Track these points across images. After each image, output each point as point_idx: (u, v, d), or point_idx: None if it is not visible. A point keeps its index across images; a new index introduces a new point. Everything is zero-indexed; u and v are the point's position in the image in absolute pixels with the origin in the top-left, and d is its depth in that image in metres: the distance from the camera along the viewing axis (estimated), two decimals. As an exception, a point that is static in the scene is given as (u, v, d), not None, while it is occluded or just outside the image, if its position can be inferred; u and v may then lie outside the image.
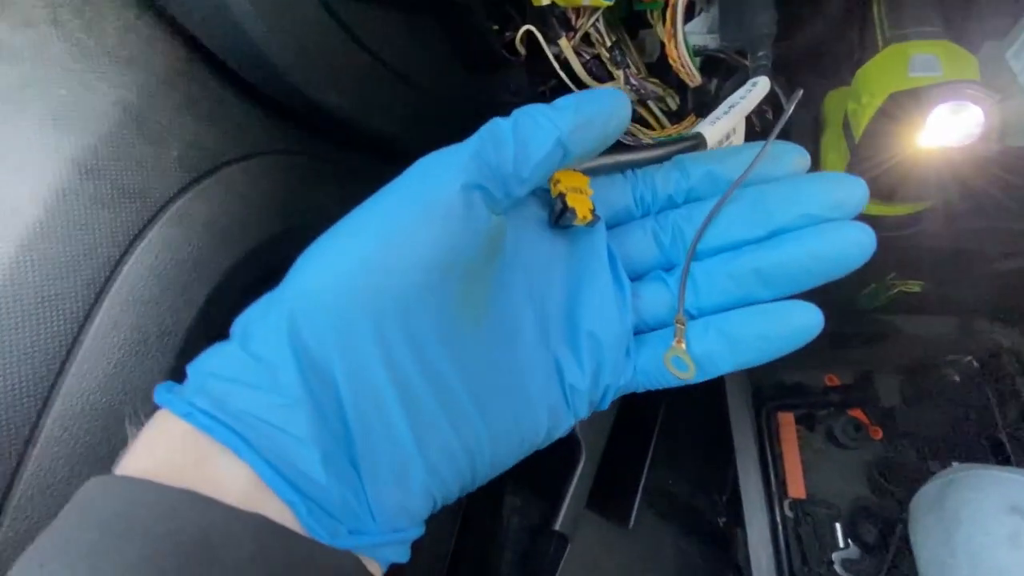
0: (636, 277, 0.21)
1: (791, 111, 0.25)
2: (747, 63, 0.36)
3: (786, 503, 0.50)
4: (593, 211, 0.19)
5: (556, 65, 0.31)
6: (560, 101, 0.17)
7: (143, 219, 0.21)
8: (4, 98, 0.19)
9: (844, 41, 0.38)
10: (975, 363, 0.49)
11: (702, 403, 0.55)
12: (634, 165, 0.21)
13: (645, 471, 0.50)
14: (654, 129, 0.38)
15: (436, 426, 0.16)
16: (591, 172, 0.20)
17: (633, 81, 0.32)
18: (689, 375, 0.19)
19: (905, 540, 0.43)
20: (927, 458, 0.50)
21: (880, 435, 0.52)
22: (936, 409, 0.51)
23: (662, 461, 0.53)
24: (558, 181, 0.19)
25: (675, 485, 0.55)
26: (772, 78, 0.32)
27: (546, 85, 0.39)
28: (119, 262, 0.20)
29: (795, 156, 0.21)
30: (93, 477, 0.14)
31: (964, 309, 0.51)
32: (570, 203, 0.19)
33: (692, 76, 0.31)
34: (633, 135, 0.38)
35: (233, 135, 0.25)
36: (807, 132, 0.40)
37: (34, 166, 0.19)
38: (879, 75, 0.33)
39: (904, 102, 0.29)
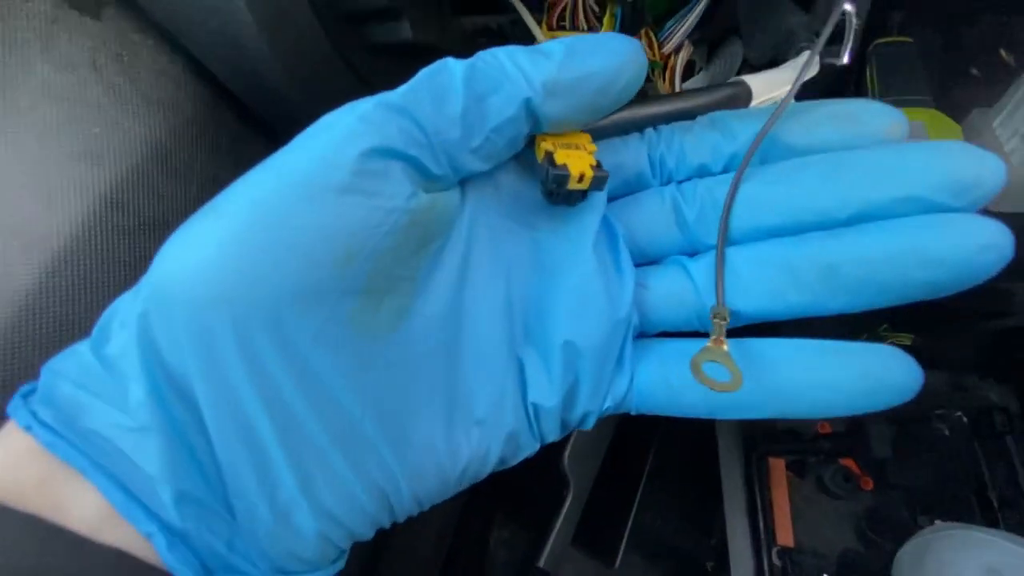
0: (647, 262, 0.16)
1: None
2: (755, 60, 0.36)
3: (774, 551, 0.50)
4: (597, 167, 0.14)
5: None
6: (546, 45, 0.13)
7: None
8: (44, 134, 0.20)
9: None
10: (964, 419, 0.50)
11: (693, 443, 0.55)
12: (655, 122, 0.16)
13: (633, 511, 0.50)
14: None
15: (326, 462, 0.13)
16: (593, 132, 0.15)
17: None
18: (733, 386, 0.13)
19: (892, 595, 0.43)
20: (916, 512, 0.50)
21: (871, 486, 0.52)
22: (927, 463, 0.51)
23: (651, 501, 0.53)
24: (544, 137, 0.14)
25: (663, 526, 0.55)
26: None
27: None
28: (135, 290, 0.21)
29: (889, 120, 0.15)
30: None
31: (955, 364, 0.51)
32: (559, 160, 0.14)
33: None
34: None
35: (202, 184, 0.26)
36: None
37: (64, 198, 0.20)
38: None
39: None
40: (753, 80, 0.17)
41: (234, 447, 0.12)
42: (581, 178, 0.14)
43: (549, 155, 0.14)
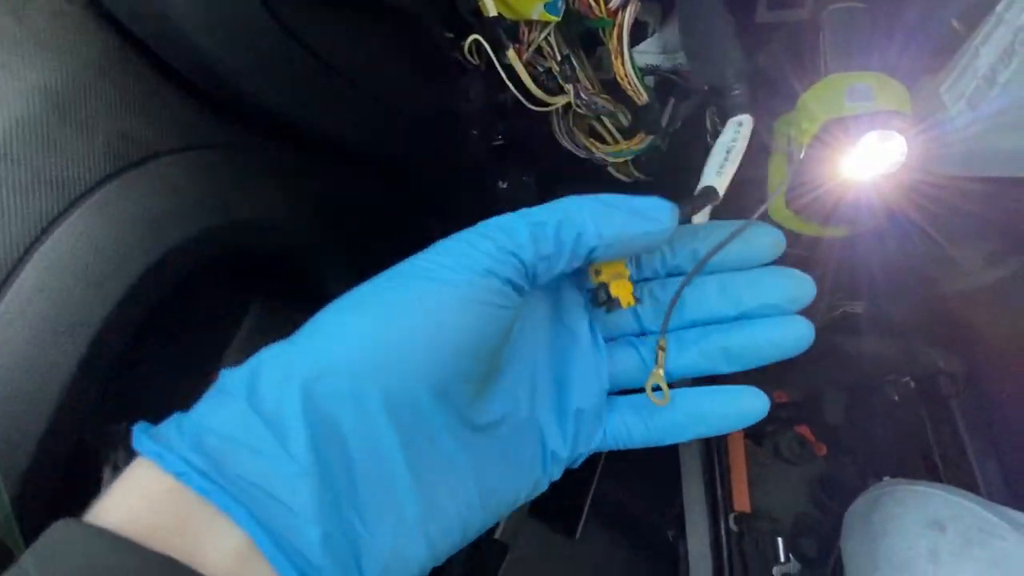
0: (609, 341, 0.23)
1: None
2: (695, 83, 0.37)
3: (731, 517, 0.50)
4: (634, 293, 0.21)
5: (504, 76, 0.31)
6: (616, 204, 0.19)
7: (59, 206, 0.20)
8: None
9: (797, 68, 0.40)
10: (913, 384, 0.51)
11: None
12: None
13: (595, 481, 0.50)
14: (608, 143, 0.39)
15: (438, 501, 0.17)
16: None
17: (583, 96, 0.33)
18: (664, 402, 0.21)
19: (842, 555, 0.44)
20: (867, 475, 0.51)
21: (824, 451, 0.53)
22: (877, 428, 0.53)
23: (613, 472, 0.54)
24: (599, 271, 0.21)
25: (625, 497, 0.56)
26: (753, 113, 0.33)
27: (504, 94, 0.40)
28: (29, 249, 0.19)
29: (770, 240, 0.24)
30: (62, 520, 0.13)
31: (905, 331, 0.53)
32: (614, 293, 0.21)
33: (639, 93, 0.32)
34: (588, 149, 0.39)
35: (168, 127, 0.25)
36: (755, 155, 0.42)
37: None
38: (818, 103, 0.34)
39: (837, 130, 0.31)
40: (717, 182, 0.24)
41: (376, 486, 0.16)
42: (628, 304, 0.21)
43: (605, 287, 0.21)
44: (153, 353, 0.30)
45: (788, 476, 0.53)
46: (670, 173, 0.44)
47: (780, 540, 0.49)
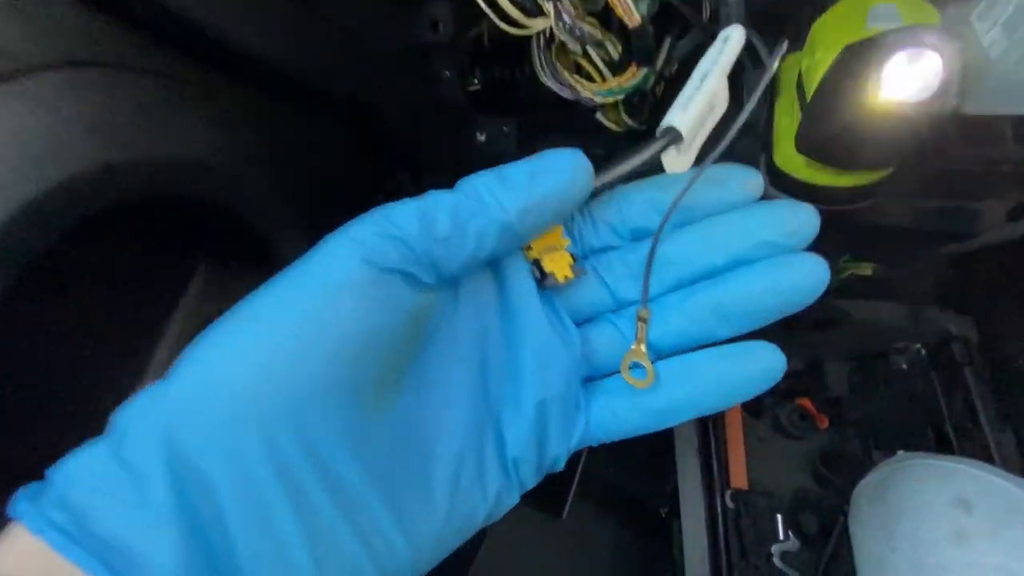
0: (585, 322, 0.20)
1: (775, 68, 0.21)
2: (702, 18, 0.33)
3: (727, 493, 0.48)
4: (574, 265, 0.19)
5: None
6: (512, 172, 0.16)
7: None
8: None
9: (806, 2, 0.35)
10: (923, 351, 0.48)
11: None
12: (612, 185, 0.19)
13: (583, 458, 0.47)
14: (595, 82, 0.35)
15: (339, 541, 0.15)
16: None
17: (566, 19, 0.28)
18: (647, 383, 0.18)
19: (846, 532, 0.41)
20: (872, 448, 0.49)
21: (827, 424, 0.51)
22: (883, 398, 0.50)
23: (603, 449, 0.51)
24: (530, 246, 0.18)
25: (616, 473, 0.53)
26: (748, 25, 0.29)
27: (477, 27, 0.35)
28: None
29: (745, 179, 0.20)
30: None
31: (915, 296, 0.49)
32: (547, 268, 0.18)
33: (630, 13, 0.27)
34: (573, 88, 0.34)
35: (53, 37, 0.20)
36: (762, 97, 0.37)
37: None
38: (836, 27, 0.30)
39: (860, 52, 0.26)
40: (680, 119, 0.19)
41: (252, 533, 0.14)
42: (565, 278, 0.18)
43: (537, 263, 0.18)
44: (72, 317, 0.25)
45: (788, 451, 0.50)
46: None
47: (779, 517, 0.47)
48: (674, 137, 0.19)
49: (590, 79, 0.35)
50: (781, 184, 0.36)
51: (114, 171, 0.21)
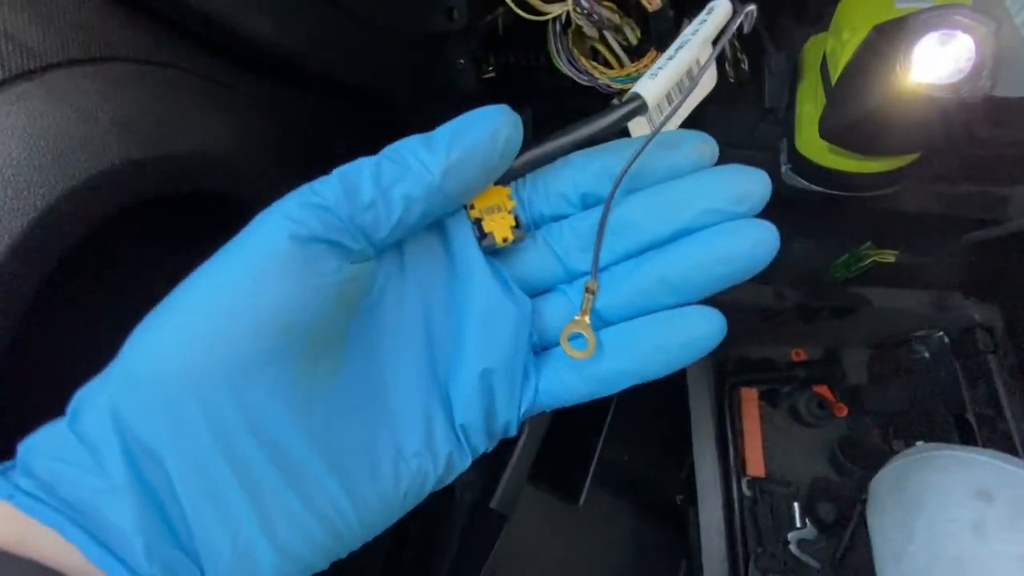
0: (538, 293, 0.20)
1: (734, 29, 0.20)
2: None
3: (744, 481, 0.48)
4: (517, 227, 0.18)
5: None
6: (437, 133, 0.16)
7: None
8: None
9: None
10: (946, 339, 0.47)
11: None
12: (570, 149, 0.18)
13: (599, 446, 0.47)
14: (613, 68, 0.34)
15: (282, 503, 0.15)
16: (509, 175, 0.18)
17: (584, 3, 0.28)
18: (586, 353, 0.18)
19: (863, 521, 0.41)
20: (891, 437, 0.48)
21: (845, 412, 0.50)
22: (903, 386, 0.49)
23: (619, 435, 0.51)
24: (472, 205, 0.18)
25: (632, 461, 0.53)
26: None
27: (492, 14, 0.35)
28: None
29: (697, 143, 0.19)
30: None
31: (939, 282, 0.48)
32: (487, 228, 0.18)
33: (650, -3, 0.27)
34: (590, 74, 0.34)
35: (75, 33, 0.20)
36: (783, 81, 0.36)
37: None
38: (863, 6, 0.29)
39: (889, 33, 0.25)
40: (647, 87, 0.18)
41: (199, 499, 0.15)
42: (504, 240, 0.18)
43: (477, 222, 0.18)
44: (89, 320, 0.26)
45: (806, 439, 0.50)
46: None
47: (796, 505, 0.47)
48: (638, 105, 0.18)
49: (607, 65, 0.34)
50: (803, 170, 0.36)
51: (137, 167, 0.21)
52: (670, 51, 0.20)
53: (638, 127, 0.22)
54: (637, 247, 0.19)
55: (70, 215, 0.19)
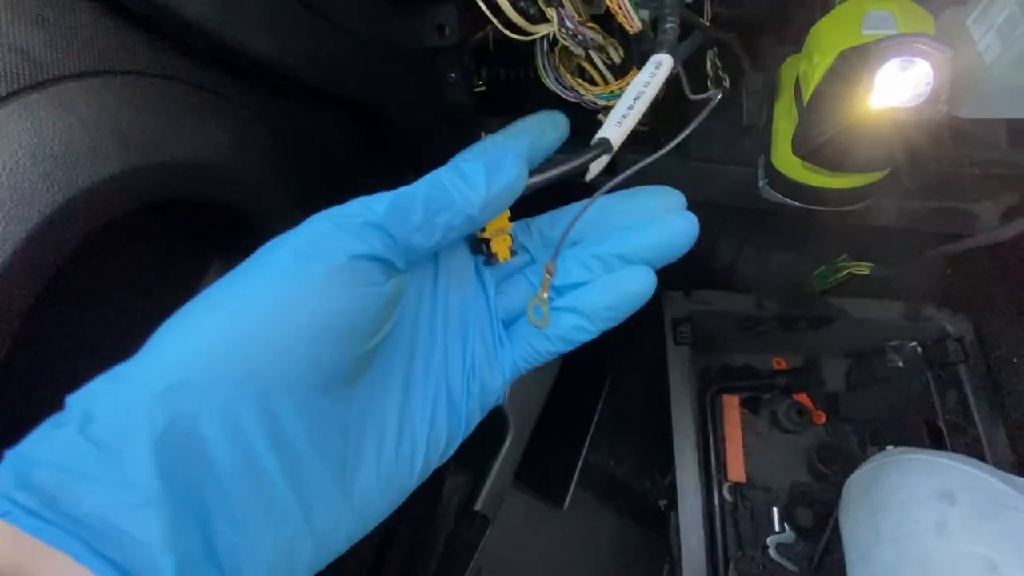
0: (503, 279, 0.24)
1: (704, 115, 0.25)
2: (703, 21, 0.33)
3: (726, 486, 0.49)
4: (512, 248, 0.22)
5: (482, 4, 0.27)
6: (469, 171, 0.19)
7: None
8: None
9: (806, 6, 0.36)
10: (919, 349, 0.48)
11: (647, 382, 0.53)
12: (552, 182, 0.22)
13: (584, 451, 0.48)
14: (598, 85, 0.35)
15: (323, 492, 0.16)
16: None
17: (569, 24, 0.29)
18: (544, 323, 0.21)
19: (839, 525, 0.42)
20: (867, 443, 0.50)
21: (823, 420, 0.51)
22: (879, 394, 0.51)
23: (604, 441, 0.52)
24: (484, 228, 0.21)
25: (617, 466, 0.54)
26: (678, 57, 0.29)
27: (483, 31, 0.36)
28: None
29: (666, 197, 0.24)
30: None
31: (912, 294, 0.50)
32: (494, 248, 0.22)
33: (631, 20, 0.28)
34: (576, 91, 0.35)
35: (78, 48, 0.21)
36: (761, 100, 0.38)
37: None
38: (832, 32, 0.31)
39: (854, 59, 0.27)
40: (614, 134, 0.22)
41: (248, 497, 0.15)
42: (504, 258, 0.23)
43: (487, 242, 0.22)
44: (94, 321, 0.27)
45: (785, 445, 0.51)
46: (666, 122, 0.41)
47: (775, 510, 0.48)
48: (606, 148, 0.22)
49: (592, 82, 0.36)
50: (778, 185, 0.37)
51: (138, 175, 0.22)
52: (628, 98, 0.24)
53: (599, 164, 0.25)
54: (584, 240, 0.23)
55: (72, 220, 0.20)
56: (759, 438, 0.52)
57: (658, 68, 0.25)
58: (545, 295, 0.22)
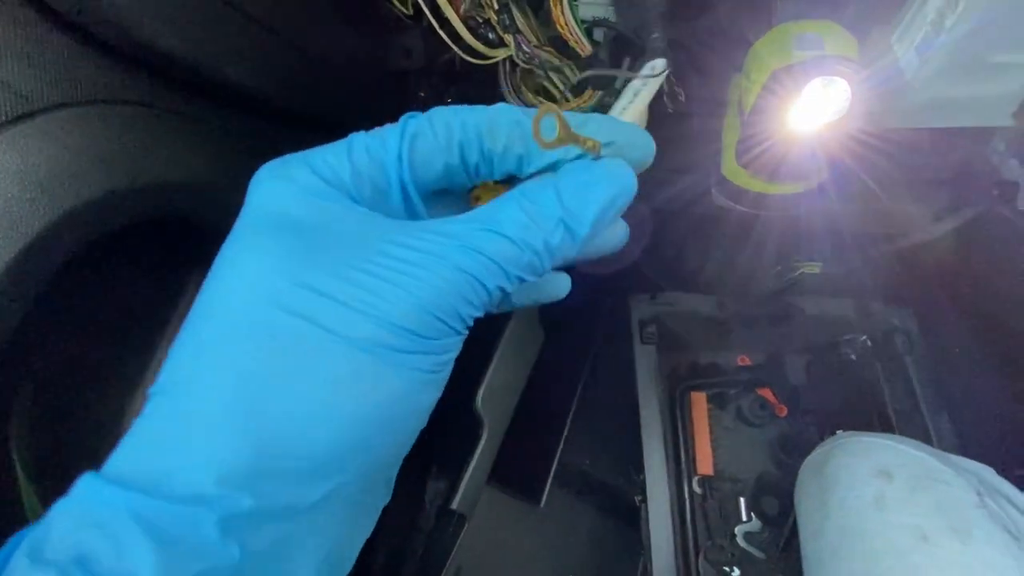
0: None
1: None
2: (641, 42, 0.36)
3: (695, 480, 0.51)
4: None
5: (438, 27, 0.29)
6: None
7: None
8: None
9: (752, 25, 0.39)
10: (869, 342, 0.52)
11: (621, 381, 0.56)
12: None
13: (559, 449, 0.49)
14: (558, 103, 0.38)
15: None
16: None
17: (525, 49, 0.31)
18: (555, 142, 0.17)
19: (801, 511, 0.45)
20: (825, 433, 0.52)
21: (785, 412, 0.54)
22: (835, 386, 0.54)
23: (580, 439, 0.54)
24: (478, 197, 0.20)
25: (592, 464, 0.56)
26: (670, 57, 0.32)
27: (448, 53, 0.38)
28: None
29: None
30: None
31: (862, 291, 0.53)
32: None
33: (581, 44, 0.30)
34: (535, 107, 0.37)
35: (60, 80, 0.22)
36: (708, 113, 0.41)
37: None
38: (766, 53, 0.33)
39: (784, 78, 0.30)
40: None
41: None
42: None
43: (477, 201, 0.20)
44: (79, 336, 0.28)
45: (750, 438, 0.54)
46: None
47: (742, 500, 0.50)
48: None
49: (553, 100, 0.38)
50: (727, 191, 0.40)
51: (119, 197, 0.23)
52: (628, 96, 0.26)
53: None
54: None
55: (57, 241, 0.21)
56: (726, 432, 0.54)
57: (654, 69, 0.26)
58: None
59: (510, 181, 0.20)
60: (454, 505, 0.39)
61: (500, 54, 0.32)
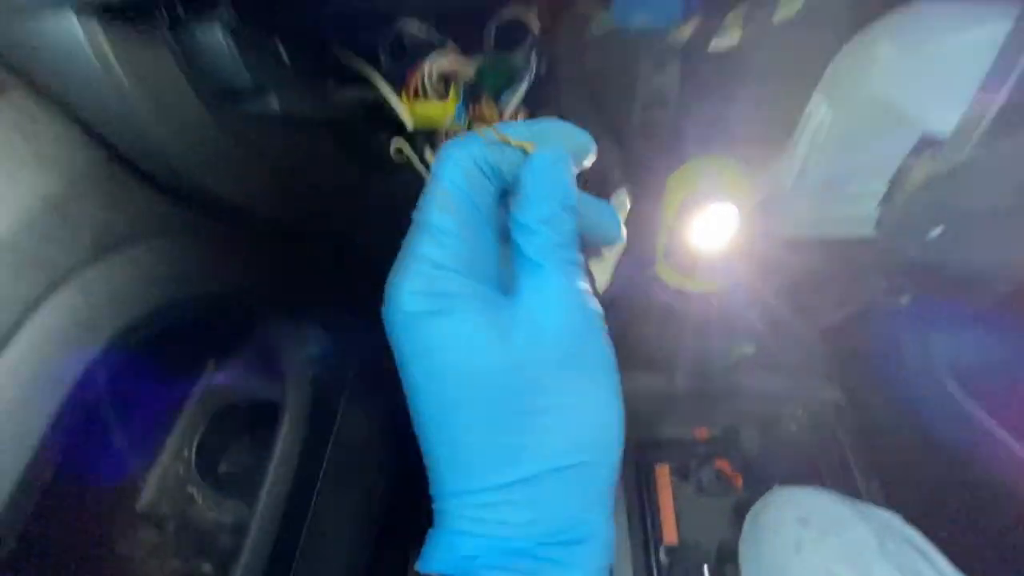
0: None
1: None
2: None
3: (661, 550, 0.54)
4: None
5: (424, 173, 0.38)
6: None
7: (47, 286, 0.25)
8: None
9: (670, 154, 0.49)
10: (805, 416, 0.58)
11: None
12: None
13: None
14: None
15: None
16: None
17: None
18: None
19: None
20: (776, 500, 0.57)
21: (740, 482, 0.59)
22: (783, 456, 0.59)
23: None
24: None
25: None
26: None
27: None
28: (23, 314, 0.24)
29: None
30: None
31: (797, 368, 0.60)
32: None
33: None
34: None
35: (142, 219, 0.30)
36: (647, 220, 0.50)
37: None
38: (679, 183, 0.43)
39: (689, 203, 0.39)
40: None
41: None
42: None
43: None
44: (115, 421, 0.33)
45: (711, 507, 0.58)
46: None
47: (706, 567, 0.54)
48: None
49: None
50: (662, 286, 0.49)
51: (176, 305, 0.30)
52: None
53: None
54: None
55: (129, 341, 0.28)
56: (688, 503, 0.58)
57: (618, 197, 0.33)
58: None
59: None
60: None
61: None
